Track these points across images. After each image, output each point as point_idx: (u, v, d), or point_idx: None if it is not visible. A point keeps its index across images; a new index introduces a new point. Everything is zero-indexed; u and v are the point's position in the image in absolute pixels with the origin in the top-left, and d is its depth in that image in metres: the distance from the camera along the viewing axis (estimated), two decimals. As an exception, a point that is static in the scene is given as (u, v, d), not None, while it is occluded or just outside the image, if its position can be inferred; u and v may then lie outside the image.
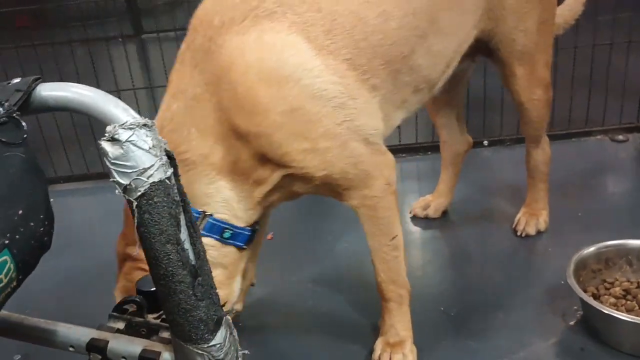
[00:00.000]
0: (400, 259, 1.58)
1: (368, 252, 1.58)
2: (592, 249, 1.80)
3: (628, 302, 1.72)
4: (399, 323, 1.62)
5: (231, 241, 1.43)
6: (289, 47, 1.34)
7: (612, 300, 1.73)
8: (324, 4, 1.40)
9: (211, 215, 1.38)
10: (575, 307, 1.75)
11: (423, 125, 2.77)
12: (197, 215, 1.35)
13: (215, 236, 1.40)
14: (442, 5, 1.56)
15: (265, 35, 1.33)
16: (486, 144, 2.73)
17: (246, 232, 1.45)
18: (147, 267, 0.98)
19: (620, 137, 2.68)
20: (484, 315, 1.78)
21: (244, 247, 1.46)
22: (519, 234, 2.11)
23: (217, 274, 1.36)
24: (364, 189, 1.47)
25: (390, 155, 1.52)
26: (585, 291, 1.71)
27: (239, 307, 1.88)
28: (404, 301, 1.62)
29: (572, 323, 1.72)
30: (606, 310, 1.59)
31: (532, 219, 2.12)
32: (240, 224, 1.44)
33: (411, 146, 2.76)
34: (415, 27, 1.50)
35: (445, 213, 2.28)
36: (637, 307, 1.70)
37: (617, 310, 1.65)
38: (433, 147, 2.74)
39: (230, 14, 1.35)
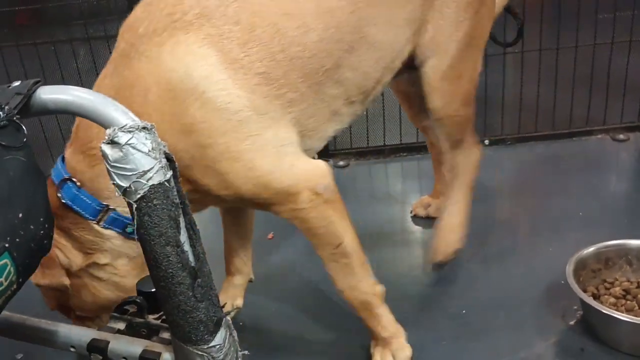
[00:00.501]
0: (353, 265, 1.53)
1: (370, 250, 1.58)
2: (592, 248, 1.80)
3: (628, 302, 1.72)
4: (379, 326, 1.61)
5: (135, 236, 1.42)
6: (198, 59, 1.33)
7: (612, 300, 1.73)
8: (243, 16, 1.39)
9: (114, 210, 1.36)
10: (575, 307, 1.76)
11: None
12: (100, 208, 1.34)
13: (117, 229, 1.37)
14: (371, 19, 1.53)
15: (178, 47, 1.34)
16: (487, 143, 2.73)
17: None
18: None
19: (621, 137, 2.68)
20: (483, 315, 1.79)
21: None
22: (432, 257, 1.95)
23: (123, 264, 1.39)
24: (288, 204, 1.44)
25: (315, 164, 1.47)
26: (585, 291, 1.71)
27: (239, 302, 1.89)
28: (372, 306, 1.58)
29: (572, 323, 1.73)
30: (605, 310, 1.59)
31: (448, 237, 1.95)
32: None
33: (412, 145, 2.76)
34: (339, 41, 1.48)
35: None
36: (636, 307, 1.70)
37: (617, 310, 1.65)
38: (434, 146, 2.74)
39: (153, 25, 1.37)
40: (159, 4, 1.41)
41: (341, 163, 2.74)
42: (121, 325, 1.13)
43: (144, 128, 0.91)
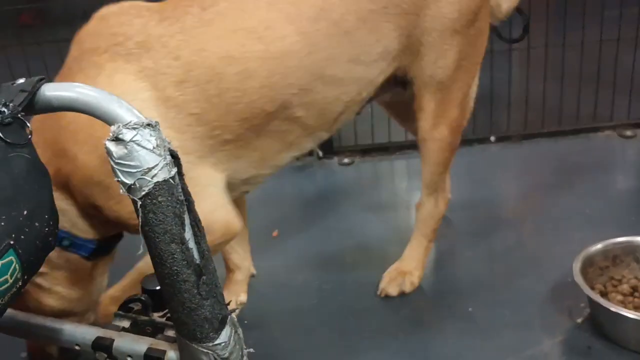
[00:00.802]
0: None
1: (375, 250, 1.58)
2: (599, 246, 1.79)
3: (636, 299, 1.72)
4: None
5: (72, 249, 1.40)
6: (130, 92, 1.31)
7: (620, 297, 1.72)
8: (184, 52, 1.36)
9: None
10: (582, 305, 1.75)
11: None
12: None
13: None
14: (332, 60, 1.48)
15: (116, 74, 1.32)
16: (493, 140, 2.72)
17: (90, 245, 1.41)
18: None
19: (629, 133, 2.67)
20: (490, 313, 1.78)
21: (89, 257, 1.43)
22: (378, 292, 1.89)
23: (63, 275, 1.39)
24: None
25: (232, 217, 1.46)
26: (592, 288, 1.71)
27: (243, 298, 1.89)
28: None
29: (579, 321, 1.72)
30: (613, 307, 1.58)
31: (399, 277, 1.89)
32: (84, 236, 1.41)
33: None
34: (287, 86, 1.43)
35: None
36: (645, 305, 1.70)
37: (624, 307, 1.64)
38: (439, 144, 2.73)
39: (97, 42, 1.36)
40: (109, 20, 1.40)
41: (346, 160, 2.73)
42: (126, 323, 1.13)
43: (148, 125, 0.90)
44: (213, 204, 1.42)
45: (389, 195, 2.51)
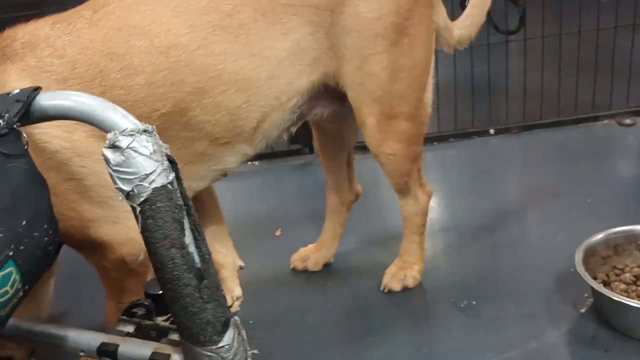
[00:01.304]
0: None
1: (378, 246, 1.58)
2: (600, 235, 1.79)
3: (639, 287, 1.71)
4: None
5: None
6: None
7: (623, 286, 1.72)
8: (70, 50, 1.32)
9: None
10: (585, 295, 1.75)
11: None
12: None
13: None
14: (229, 56, 1.40)
15: (1, 76, 1.28)
16: (492, 133, 2.72)
17: None
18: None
19: (628, 121, 2.66)
20: (494, 306, 1.78)
21: None
22: (381, 288, 1.88)
23: None
24: (95, 255, 1.36)
25: (138, 236, 1.37)
26: (595, 278, 1.70)
27: (237, 293, 1.88)
28: None
29: (582, 311, 1.72)
30: (616, 297, 1.58)
31: (400, 272, 1.88)
32: None
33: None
34: (178, 82, 1.36)
35: (327, 265, 2.04)
36: (648, 293, 1.70)
37: (627, 296, 1.64)
38: (440, 138, 2.74)
39: None
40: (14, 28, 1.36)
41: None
42: (130, 328, 1.13)
43: (144, 131, 0.91)
44: (117, 216, 1.34)
45: (390, 191, 2.49)
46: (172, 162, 0.94)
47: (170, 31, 1.37)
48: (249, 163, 2.80)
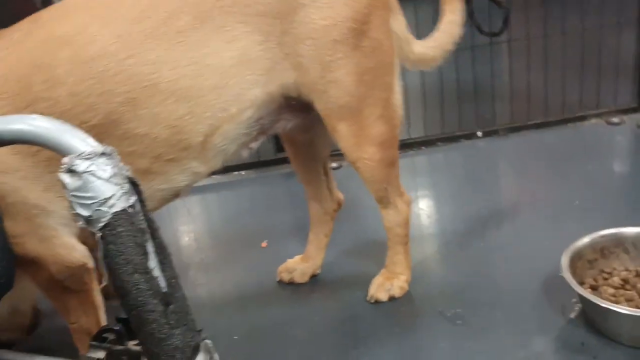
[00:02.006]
0: (82, 343, 1.41)
1: (365, 256, 1.55)
2: (586, 239, 1.76)
3: (627, 291, 1.68)
4: None
5: None
6: None
7: (611, 290, 1.69)
8: (2, 64, 1.30)
9: None
10: (574, 300, 1.72)
11: (415, 120, 2.73)
12: None
13: None
14: (164, 64, 1.35)
15: None
16: (480, 135, 2.70)
17: None
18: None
19: (616, 120, 2.64)
20: (481, 314, 1.75)
21: None
22: (367, 299, 1.85)
23: None
24: (29, 270, 1.32)
25: (70, 250, 1.35)
26: (582, 283, 1.68)
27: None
28: None
29: (571, 317, 1.69)
30: (603, 304, 1.56)
31: (387, 283, 1.85)
32: None
33: (404, 142, 2.72)
34: (107, 93, 1.32)
35: (314, 276, 2.01)
36: (636, 297, 1.67)
37: (616, 300, 1.62)
38: (427, 142, 2.72)
39: None
40: None
41: (334, 165, 2.70)
42: (101, 354, 1.10)
43: (103, 154, 0.88)
44: (46, 234, 1.32)
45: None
46: (134, 184, 0.91)
47: (97, 41, 1.33)
48: (235, 172, 2.78)
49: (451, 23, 1.79)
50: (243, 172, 2.79)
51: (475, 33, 2.47)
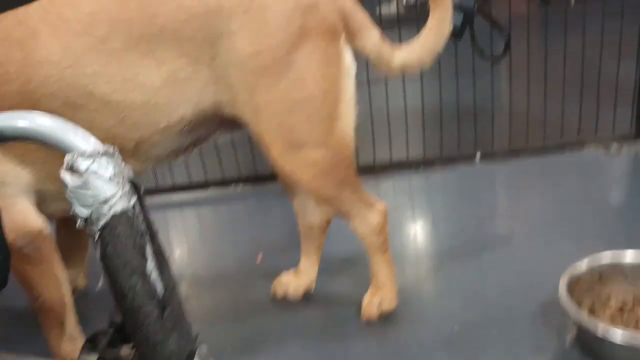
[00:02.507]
0: (47, 323, 1.57)
1: (360, 273, 1.54)
2: (584, 262, 1.75)
3: (625, 316, 1.68)
4: None
5: None
6: None
7: (609, 315, 1.68)
8: None
9: None
10: (570, 323, 1.71)
11: (414, 140, 2.74)
12: None
13: None
14: (100, 78, 1.46)
15: None
16: (478, 157, 2.70)
17: None
18: None
19: (614, 147, 2.65)
20: (477, 335, 1.74)
21: None
22: (362, 319, 1.83)
23: None
24: None
25: (25, 218, 1.48)
26: (580, 306, 1.67)
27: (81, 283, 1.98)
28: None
29: (567, 340, 1.68)
30: (599, 332, 1.54)
31: (375, 299, 1.83)
32: None
33: (403, 162, 2.73)
34: (49, 95, 1.44)
35: (308, 291, 1.99)
36: (634, 322, 1.66)
37: (613, 325, 1.60)
38: (425, 163, 2.72)
39: None
40: None
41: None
42: (93, 358, 1.09)
43: (105, 153, 0.87)
44: (3, 204, 1.43)
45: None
46: (135, 186, 0.90)
47: (45, 48, 1.44)
48: (232, 186, 2.77)
49: (439, 20, 1.72)
50: (240, 186, 2.78)
51: (476, 56, 2.49)
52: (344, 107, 1.60)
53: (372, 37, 1.66)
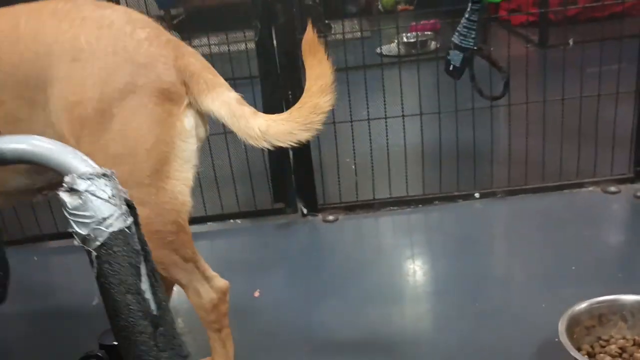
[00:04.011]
0: None
1: (359, 309, 1.53)
2: (584, 305, 1.74)
3: (624, 360, 1.66)
4: None
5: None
6: None
7: (608, 359, 1.66)
8: None
9: None
10: (569, 365, 1.69)
11: (413, 178, 2.75)
12: None
13: None
14: None
15: None
16: (477, 197, 2.71)
17: None
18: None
19: (613, 189, 2.66)
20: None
21: None
22: None
23: None
24: None
25: None
26: (579, 349, 1.66)
27: None
28: None
29: (566, 382, 1.66)
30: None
31: None
32: None
33: (402, 199, 2.74)
34: None
35: None
36: (633, 365, 1.64)
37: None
38: (423, 200, 2.72)
39: None
40: None
41: (330, 218, 2.70)
42: (84, 382, 1.09)
43: (103, 175, 0.89)
44: None
45: (374, 252, 2.47)
46: (131, 207, 0.92)
47: None
48: (231, 221, 2.77)
49: (310, 91, 1.59)
50: (239, 221, 2.78)
51: (476, 96, 2.52)
52: (175, 169, 1.54)
53: (222, 99, 1.56)
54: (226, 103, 1.56)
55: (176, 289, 1.81)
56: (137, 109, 1.48)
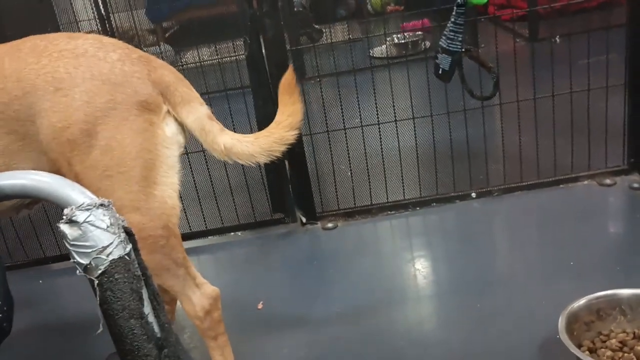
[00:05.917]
0: None
1: (362, 316, 1.55)
2: (582, 301, 1.76)
3: (625, 354, 1.67)
4: None
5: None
6: None
7: (610, 353, 1.68)
8: None
9: None
10: (570, 361, 1.71)
11: (409, 181, 2.78)
12: None
13: None
14: None
15: None
16: (474, 196, 2.73)
17: None
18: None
19: (608, 181, 2.68)
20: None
21: None
22: None
23: None
24: None
25: None
26: (580, 345, 1.67)
27: None
28: None
29: (568, 379, 1.68)
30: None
31: None
32: None
33: (400, 203, 2.76)
34: None
35: None
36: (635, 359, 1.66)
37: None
38: (421, 203, 2.75)
39: None
40: None
41: (329, 225, 2.73)
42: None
43: (101, 205, 0.92)
44: None
45: (374, 257, 2.49)
46: (129, 234, 0.94)
47: None
48: (232, 233, 2.80)
49: (281, 125, 1.75)
50: (240, 233, 2.81)
51: (467, 97, 2.54)
52: (161, 175, 1.62)
53: (195, 113, 1.67)
54: (199, 118, 1.68)
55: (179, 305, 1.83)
56: (120, 123, 1.57)
